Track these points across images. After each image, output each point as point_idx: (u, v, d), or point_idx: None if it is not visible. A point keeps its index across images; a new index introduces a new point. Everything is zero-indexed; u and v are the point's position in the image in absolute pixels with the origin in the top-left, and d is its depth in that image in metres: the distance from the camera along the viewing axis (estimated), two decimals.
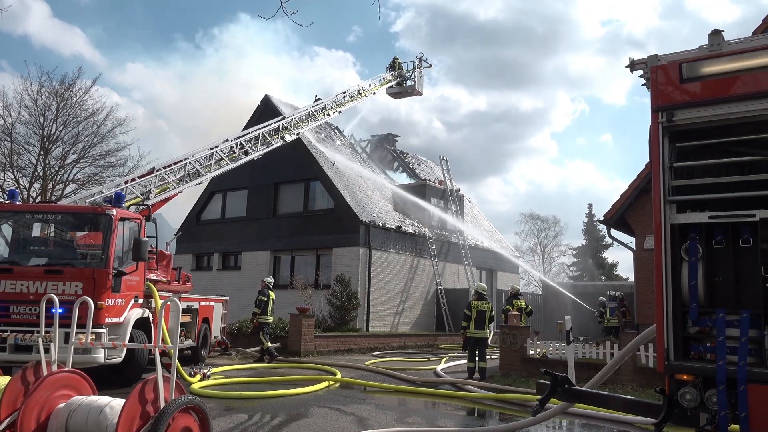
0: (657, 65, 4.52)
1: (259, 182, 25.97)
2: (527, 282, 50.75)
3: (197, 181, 14.96)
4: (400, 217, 26.17)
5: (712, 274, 4.28)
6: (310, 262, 24.42)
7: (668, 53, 4.49)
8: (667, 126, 4.40)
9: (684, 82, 4.41)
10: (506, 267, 32.11)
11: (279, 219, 25.69)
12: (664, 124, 4.40)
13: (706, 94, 4.33)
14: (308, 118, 20.18)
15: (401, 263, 24.90)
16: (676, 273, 4.28)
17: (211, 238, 27.18)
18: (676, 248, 4.31)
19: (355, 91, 23.29)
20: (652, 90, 4.49)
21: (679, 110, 4.38)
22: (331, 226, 23.54)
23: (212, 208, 28.38)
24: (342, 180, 24.85)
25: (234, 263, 26.93)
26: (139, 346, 6.72)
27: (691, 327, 4.26)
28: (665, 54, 4.50)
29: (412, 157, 34.07)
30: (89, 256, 10.38)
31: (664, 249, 4.28)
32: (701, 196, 4.31)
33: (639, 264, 16.53)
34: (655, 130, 4.43)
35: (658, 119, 4.42)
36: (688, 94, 4.40)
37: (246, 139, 16.90)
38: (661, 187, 4.35)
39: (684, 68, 4.42)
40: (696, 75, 4.41)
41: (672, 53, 4.49)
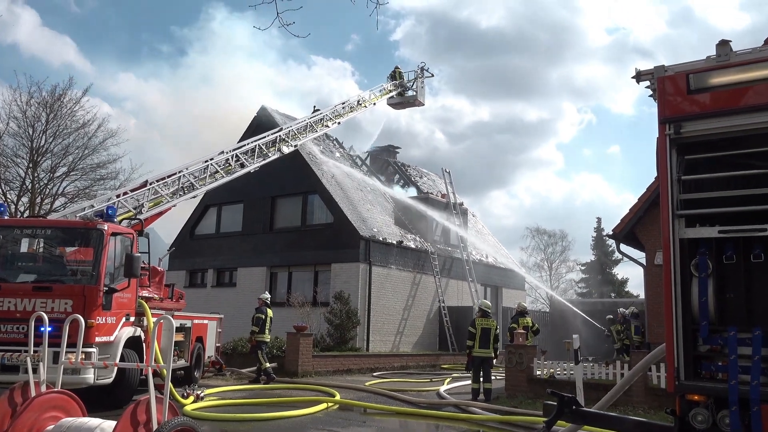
0: (664, 76, 4.58)
1: (255, 196, 26.03)
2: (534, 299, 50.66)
3: (191, 195, 15.02)
4: (402, 231, 26.20)
5: (722, 290, 4.30)
6: (308, 279, 24.40)
7: (675, 64, 4.55)
8: (675, 138, 4.45)
9: (691, 93, 4.47)
10: (512, 283, 32.06)
11: (276, 234, 25.72)
12: (672, 136, 4.45)
13: (714, 106, 4.38)
14: (306, 130, 20.28)
15: (403, 280, 24.89)
16: (685, 289, 4.30)
17: (206, 253, 27.20)
18: (686, 264, 4.33)
19: (354, 102, 23.42)
20: (659, 101, 4.54)
21: (687, 122, 4.44)
22: (329, 241, 23.57)
23: (207, 222, 28.42)
24: (341, 193, 24.92)
25: (229, 280, 26.91)
26: (130, 366, 6.74)
27: (702, 345, 4.27)
28: (672, 65, 4.56)
29: (413, 170, 34.16)
30: (79, 273, 10.41)
31: (673, 264, 4.32)
32: (711, 210, 4.35)
33: (650, 280, 16.52)
34: (663, 142, 4.47)
35: (665, 131, 4.47)
36: (696, 106, 4.45)
37: (242, 151, 16.98)
38: (669, 200, 4.39)
39: (691, 79, 4.48)
40: (704, 86, 4.47)
41: (679, 64, 4.55)
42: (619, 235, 17.01)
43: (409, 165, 34.32)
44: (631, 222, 16.74)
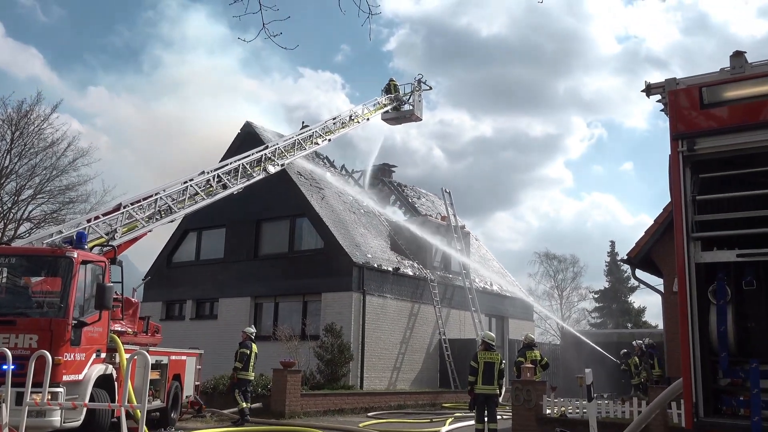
0: (675, 89, 4.68)
1: (238, 219, 26.06)
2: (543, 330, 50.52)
3: (169, 219, 15.05)
4: (398, 257, 26.21)
5: (743, 318, 4.35)
6: (296, 310, 24.32)
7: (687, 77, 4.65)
8: (688, 155, 4.53)
9: (705, 107, 4.56)
10: (519, 313, 32.01)
11: (261, 261, 25.69)
12: (685, 153, 4.53)
13: (729, 121, 4.47)
14: (294, 147, 20.39)
15: (400, 310, 24.84)
16: (703, 318, 4.35)
17: (184, 282, 27.13)
18: (703, 290, 4.38)
19: (346, 117, 23.59)
20: (670, 116, 4.63)
21: (701, 138, 4.52)
22: (320, 268, 23.56)
23: (185, 248, 28.37)
24: (332, 216, 24.97)
25: (209, 311, 26.79)
26: (101, 407, 6.72)
27: (722, 378, 4.31)
28: (684, 77, 4.67)
29: (411, 190, 34.30)
30: (46, 305, 10.40)
31: (689, 291, 4.37)
32: (728, 232, 4.41)
33: (668, 309, 16.55)
34: (675, 159, 4.56)
35: (678, 148, 4.55)
36: (710, 121, 4.54)
37: (224, 171, 17.06)
38: (683, 222, 4.46)
39: (705, 93, 4.58)
40: (718, 100, 4.56)
41: (691, 77, 4.66)
42: (634, 260, 17.06)
43: (406, 185, 34.46)
44: (648, 246, 16.81)
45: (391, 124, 28.94)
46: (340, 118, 23.22)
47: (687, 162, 4.54)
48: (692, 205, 4.49)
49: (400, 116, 27.94)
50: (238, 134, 27.24)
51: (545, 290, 58.55)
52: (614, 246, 56.29)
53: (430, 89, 29.31)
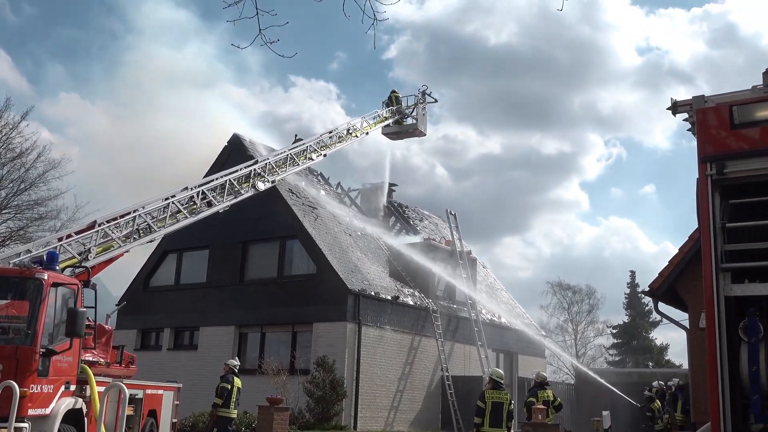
0: (704, 108, 4.75)
1: (223, 241, 26.07)
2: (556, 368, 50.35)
3: (148, 239, 15.05)
4: (398, 284, 26.20)
5: None
6: (285, 341, 24.25)
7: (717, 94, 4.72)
8: (718, 179, 4.59)
9: (736, 127, 4.63)
10: (529, 349, 31.92)
11: (247, 286, 25.66)
12: (714, 177, 4.59)
13: (762, 143, 4.53)
14: (286, 163, 20.47)
15: (399, 343, 24.78)
16: (733, 357, 4.37)
17: (162, 309, 27.08)
18: (733, 326, 4.41)
19: (344, 131, 23.70)
20: (698, 137, 4.70)
21: (731, 161, 4.58)
22: (311, 295, 23.54)
23: (164, 271, 28.35)
24: (326, 239, 25.02)
25: (189, 341, 26.71)
26: None
27: (754, 424, 4.32)
28: (713, 95, 4.74)
29: (412, 211, 34.39)
30: (11, 331, 10.37)
31: (718, 327, 4.39)
32: (761, 263, 4.44)
33: (694, 346, 16.53)
34: (704, 183, 4.61)
35: (706, 171, 4.61)
36: (741, 142, 4.60)
37: (209, 188, 17.10)
38: (712, 251, 4.50)
39: (735, 112, 4.65)
40: (750, 120, 4.63)
41: (721, 94, 4.73)
42: (657, 292, 17.05)
43: (408, 205, 34.57)
44: (672, 276, 16.81)
45: (392, 138, 29.06)
46: (336, 132, 23.33)
47: (716, 186, 4.59)
48: (721, 233, 4.53)
49: (402, 130, 28.08)
50: (225, 147, 27.38)
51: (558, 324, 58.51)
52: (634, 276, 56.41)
53: (435, 102, 29.52)
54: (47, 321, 10.50)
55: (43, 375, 10.31)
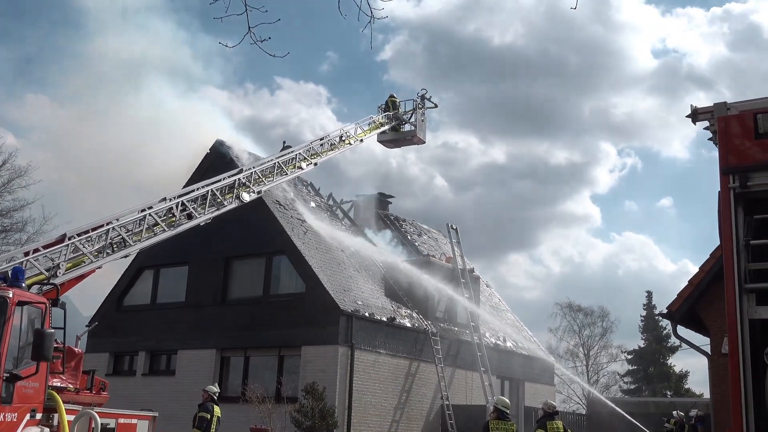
0: (726, 116, 4.79)
1: (204, 256, 26.05)
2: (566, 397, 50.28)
3: (122, 254, 15.04)
4: (394, 305, 26.18)
5: None
6: (271, 366, 24.18)
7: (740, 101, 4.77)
8: (741, 192, 4.62)
9: (760, 137, 4.66)
10: (537, 376, 31.87)
11: (230, 306, 25.61)
12: (737, 190, 4.62)
13: None
14: (273, 172, 20.50)
15: (395, 368, 24.73)
16: (758, 384, 4.38)
17: (137, 330, 26.99)
18: (758, 351, 4.42)
19: (336, 138, 23.77)
20: (720, 147, 4.74)
21: (755, 173, 4.61)
22: (300, 316, 23.51)
23: (139, 289, 28.28)
24: (317, 255, 25.00)
25: (166, 366, 26.61)
26: None
27: None
28: (736, 102, 4.78)
29: (410, 225, 34.43)
30: None
31: (742, 353, 4.41)
32: None
33: (716, 374, 16.53)
34: (726, 197, 4.64)
35: (728, 183, 4.64)
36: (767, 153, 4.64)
37: (190, 198, 17.11)
38: (735, 271, 4.52)
39: (760, 120, 4.68)
40: None
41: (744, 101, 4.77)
42: (675, 315, 17.07)
43: (405, 219, 34.62)
44: (692, 298, 16.84)
45: (389, 146, 29.15)
46: (328, 139, 23.40)
47: (739, 200, 4.61)
48: (745, 251, 4.55)
49: (400, 138, 28.18)
50: (206, 155, 27.36)
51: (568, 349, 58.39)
52: (651, 298, 56.43)
53: (435, 107, 29.63)
54: (11, 343, 10.48)
55: (7, 402, 10.28)
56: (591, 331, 58.67)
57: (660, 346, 53.03)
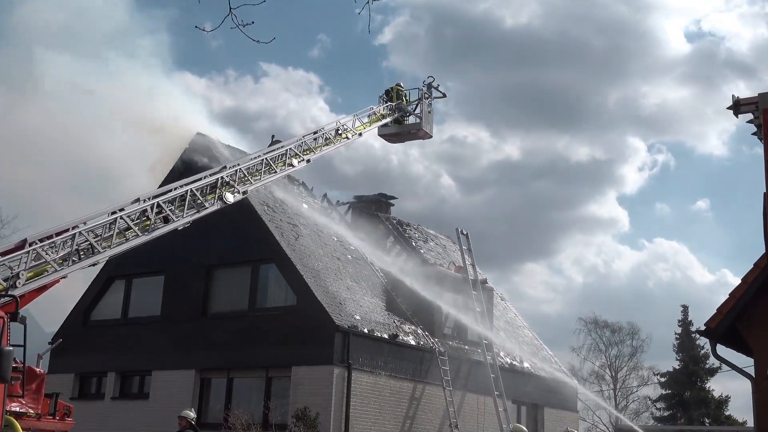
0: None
1: (182, 265, 26.08)
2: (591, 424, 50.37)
3: (90, 262, 15.05)
4: (397, 320, 26.18)
5: None
6: (257, 389, 24.19)
7: None
8: None
9: None
10: (558, 401, 31.85)
11: (211, 321, 25.63)
12: None
13: None
14: (261, 170, 20.50)
15: (397, 392, 24.72)
16: None
17: (106, 349, 27.00)
18: None
19: (331, 131, 23.77)
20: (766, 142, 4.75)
21: None
22: (290, 332, 23.50)
23: (109, 302, 28.30)
24: (310, 263, 25.00)
25: (139, 388, 26.63)
26: None
27: None
28: None
29: (414, 230, 34.43)
30: None
31: None
32: None
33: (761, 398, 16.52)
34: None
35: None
36: None
37: (166, 200, 17.12)
38: None
39: None
40: None
41: None
42: (715, 333, 17.04)
43: (409, 223, 34.61)
44: (733, 313, 16.81)
45: (392, 141, 29.15)
46: (322, 133, 23.40)
47: None
48: None
49: (404, 131, 28.17)
50: (185, 150, 27.32)
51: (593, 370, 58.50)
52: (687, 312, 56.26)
53: (444, 97, 29.61)
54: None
55: None
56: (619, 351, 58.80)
57: (697, 368, 52.93)
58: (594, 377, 58.23)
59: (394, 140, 29.03)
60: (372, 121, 25.99)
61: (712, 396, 52.50)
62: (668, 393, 54.77)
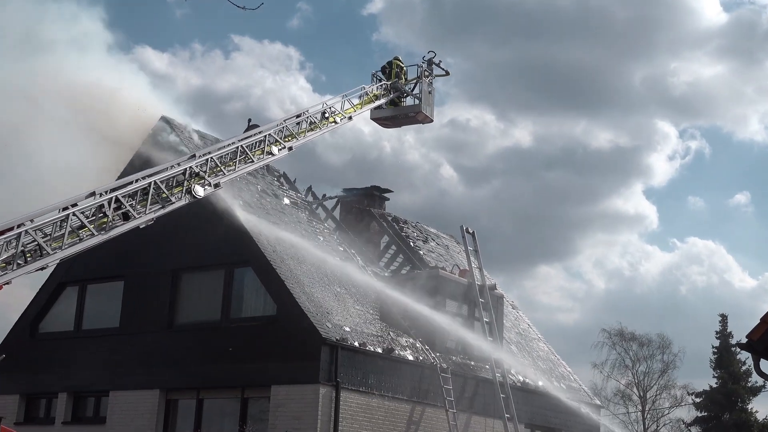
0: None
1: (145, 269, 26.08)
2: None
3: (38, 265, 15.02)
4: (393, 332, 26.18)
5: None
6: (232, 411, 24.21)
7: None
8: None
9: None
10: (577, 424, 31.92)
11: (179, 334, 25.63)
12: None
13: None
14: (236, 159, 20.49)
15: (392, 414, 24.74)
16: None
17: (56, 365, 26.98)
18: None
19: (317, 114, 23.72)
20: None
21: None
22: (270, 346, 23.49)
23: (60, 312, 28.28)
24: (292, 266, 24.98)
25: (94, 411, 26.64)
26: None
27: None
28: None
29: (413, 228, 34.44)
30: None
31: None
32: None
33: None
34: None
35: None
36: None
37: (126, 193, 17.07)
38: None
39: None
40: None
41: None
42: (758, 346, 17.10)
43: (406, 220, 34.61)
44: None
45: (386, 125, 29.14)
46: (307, 116, 23.35)
47: None
48: None
49: (400, 114, 28.13)
50: (149, 135, 27.26)
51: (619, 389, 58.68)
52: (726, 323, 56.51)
53: (447, 75, 29.66)
54: None
55: None
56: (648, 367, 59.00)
57: (737, 386, 53.15)
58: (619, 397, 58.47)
59: (389, 125, 29.00)
60: (364, 102, 25.92)
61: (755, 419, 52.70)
62: (704, 415, 54.98)
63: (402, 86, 27.56)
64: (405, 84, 27.72)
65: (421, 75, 27.98)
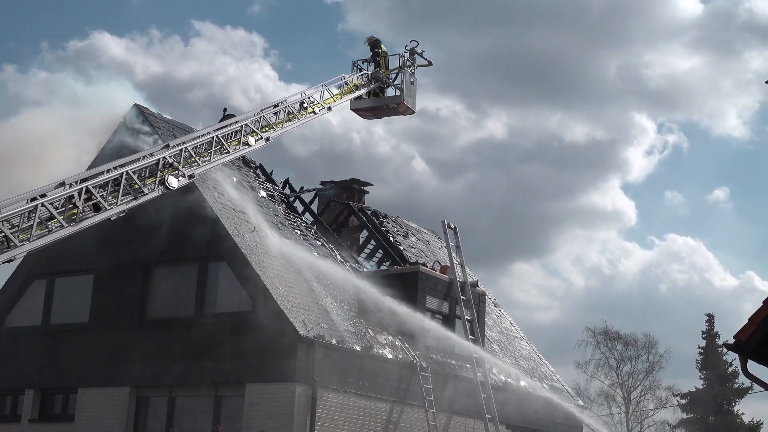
0: None
1: (116, 262, 26.00)
2: None
3: (5, 257, 14.97)
4: (371, 330, 26.20)
5: None
6: (205, 410, 24.18)
7: None
8: None
9: None
10: (560, 425, 32.05)
11: (150, 330, 25.57)
12: None
13: None
14: (211, 150, 20.47)
15: (371, 414, 24.77)
16: None
17: (23, 361, 26.89)
18: None
19: (295, 104, 23.75)
20: None
21: None
22: (245, 343, 23.43)
23: (27, 306, 28.18)
24: (267, 261, 24.95)
25: (62, 409, 26.58)
26: None
27: None
28: None
29: (393, 223, 34.46)
30: None
31: None
32: None
33: None
34: None
35: None
36: None
37: (97, 183, 17.02)
38: None
39: None
40: None
41: None
42: (745, 347, 17.18)
43: (386, 215, 34.62)
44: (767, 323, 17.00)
45: (367, 117, 29.18)
46: (285, 106, 23.38)
47: None
48: None
49: (381, 105, 28.19)
50: (120, 124, 27.16)
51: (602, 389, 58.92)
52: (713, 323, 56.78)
53: (430, 65, 29.70)
54: None
55: None
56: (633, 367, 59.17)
57: (724, 388, 53.47)
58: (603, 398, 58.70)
59: (370, 116, 29.03)
60: (344, 92, 25.97)
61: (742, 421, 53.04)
62: (690, 417, 55.28)
63: (383, 76, 27.61)
64: (387, 74, 27.77)
65: (403, 65, 28.06)
